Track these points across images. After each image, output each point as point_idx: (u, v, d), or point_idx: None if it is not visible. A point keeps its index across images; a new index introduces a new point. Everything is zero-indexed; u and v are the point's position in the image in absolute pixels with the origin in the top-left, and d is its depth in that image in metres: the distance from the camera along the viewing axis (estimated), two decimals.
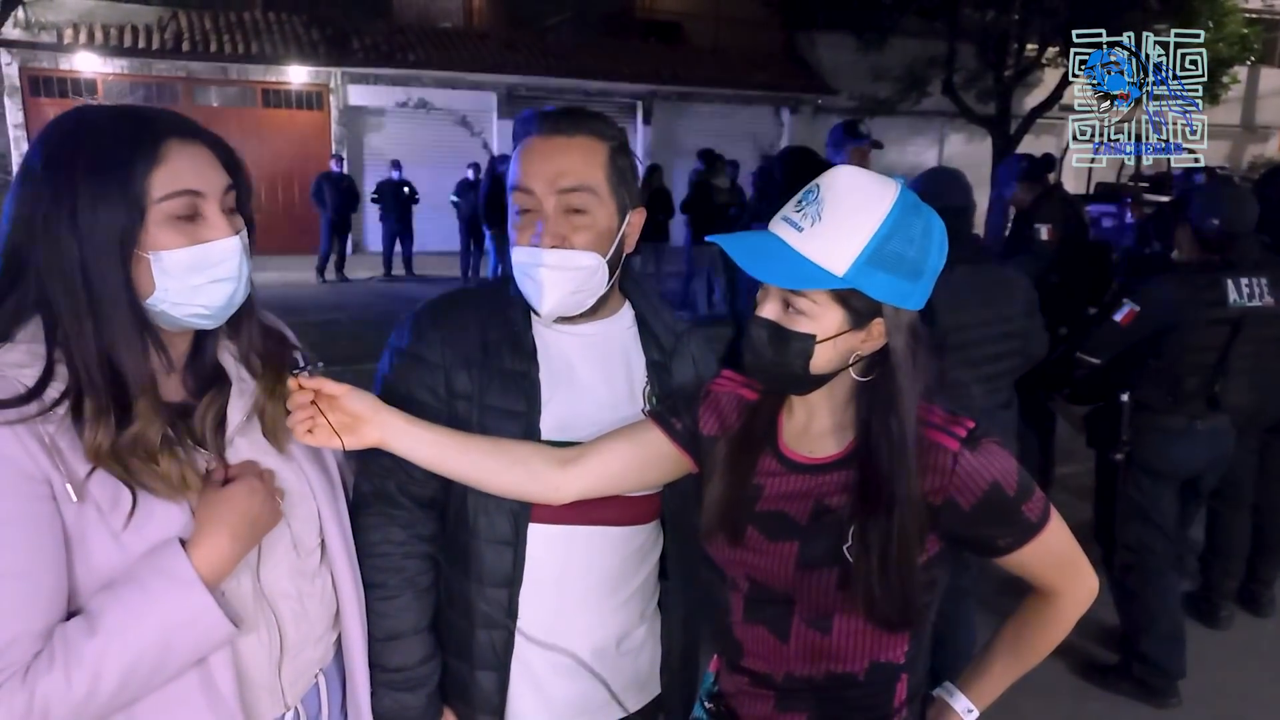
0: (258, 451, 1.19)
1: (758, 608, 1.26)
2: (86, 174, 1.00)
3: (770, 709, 1.28)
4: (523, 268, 1.35)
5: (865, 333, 1.15)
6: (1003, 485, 1.14)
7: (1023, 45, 14.19)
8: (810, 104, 17.34)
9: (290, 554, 1.20)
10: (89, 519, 1.01)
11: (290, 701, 1.22)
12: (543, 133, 1.34)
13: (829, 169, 1.16)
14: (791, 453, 1.25)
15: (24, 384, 0.99)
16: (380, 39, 14.83)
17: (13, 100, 12.88)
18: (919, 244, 1.11)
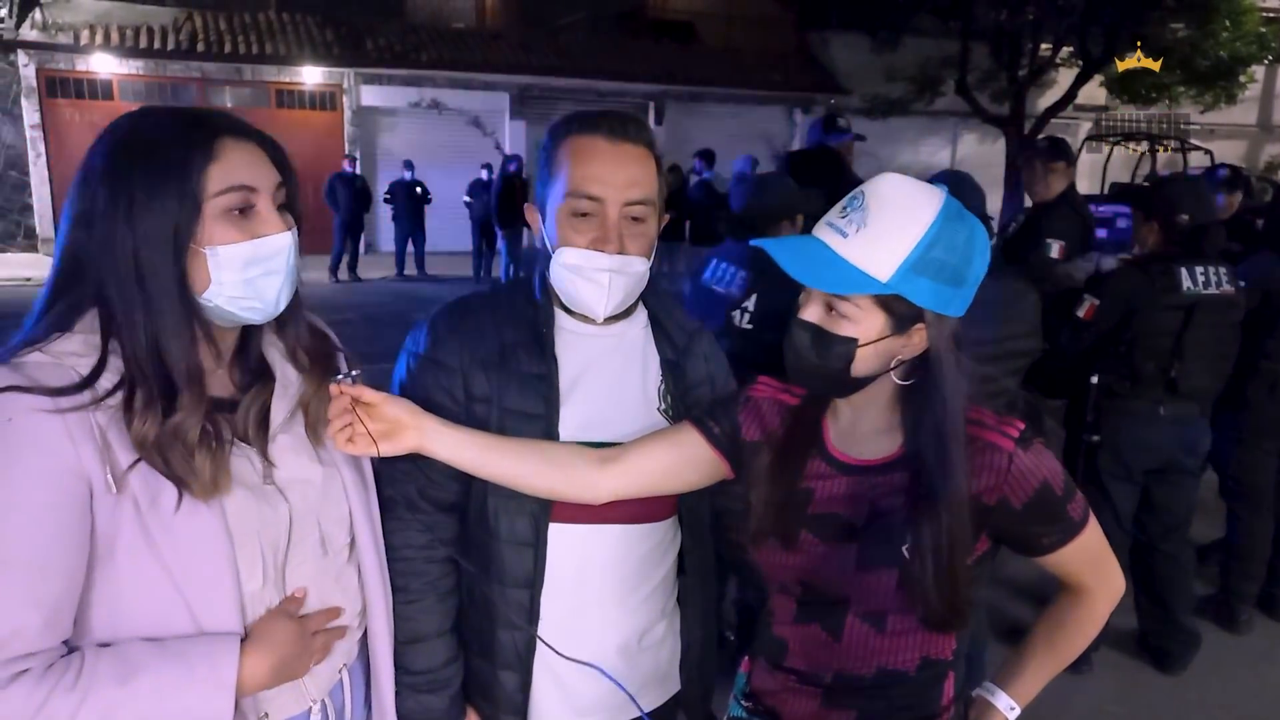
0: (298, 449, 1.20)
1: (810, 609, 1.27)
2: (143, 170, 1.02)
3: (816, 706, 1.29)
4: (578, 270, 1.34)
5: (907, 337, 1.17)
6: (1052, 484, 1.17)
7: (1037, 45, 14.13)
8: (823, 104, 17.30)
9: (317, 551, 1.21)
10: (124, 513, 1.02)
11: (315, 696, 1.23)
12: (609, 137, 1.34)
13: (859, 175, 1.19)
14: (841, 454, 1.26)
15: (79, 372, 1.01)
16: (393, 39, 14.89)
17: (29, 101, 13.00)
18: (962, 251, 1.13)
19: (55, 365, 1.01)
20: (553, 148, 1.38)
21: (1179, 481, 3.27)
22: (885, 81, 15.34)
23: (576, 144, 1.35)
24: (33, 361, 1.01)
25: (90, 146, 1.08)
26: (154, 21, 13.70)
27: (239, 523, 1.10)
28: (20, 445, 0.97)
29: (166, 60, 13.50)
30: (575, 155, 1.34)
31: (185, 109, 1.09)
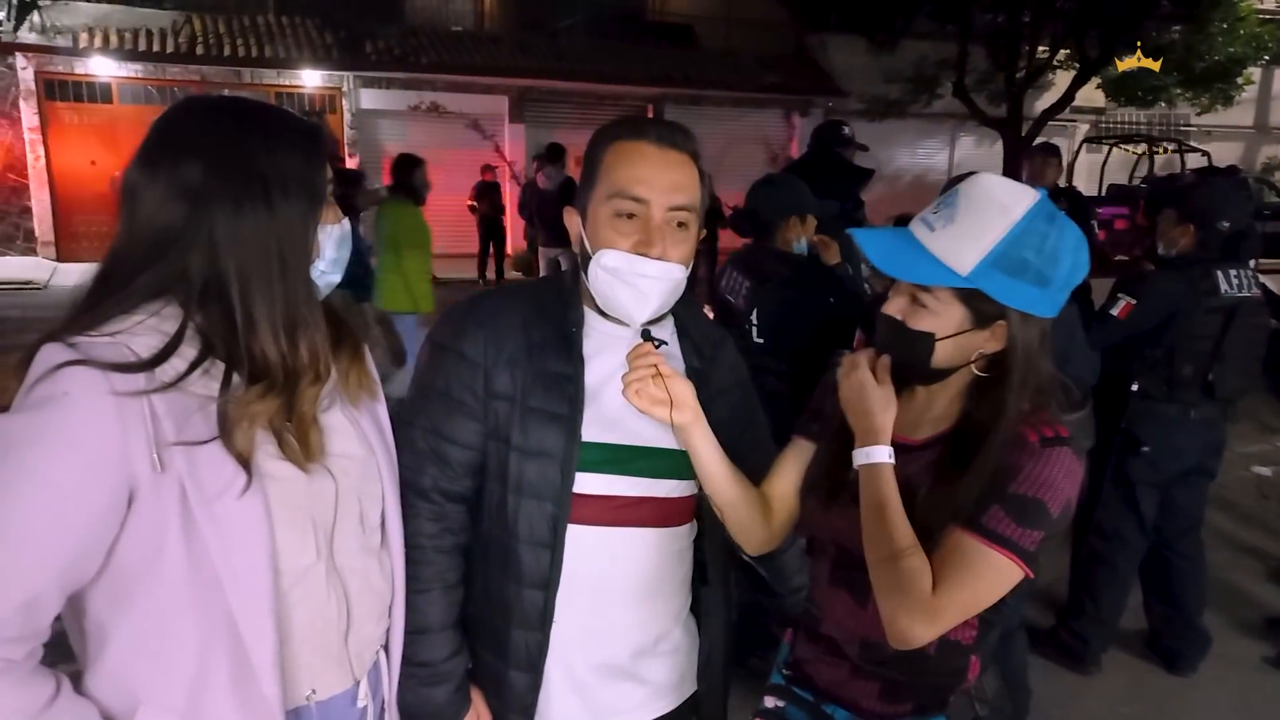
0: (340, 426, 1.23)
1: (841, 573, 1.32)
2: (275, 164, 1.10)
3: (845, 675, 1.35)
4: (617, 273, 1.34)
5: (989, 333, 1.20)
6: (1040, 490, 1.16)
7: (1034, 47, 14.16)
8: (821, 106, 17.31)
9: (357, 529, 1.24)
10: (171, 500, 1.02)
11: (357, 674, 1.25)
12: (657, 143, 1.35)
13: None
14: (896, 434, 1.28)
15: (133, 350, 1.02)
16: (393, 42, 14.86)
17: (28, 104, 12.95)
18: (1047, 253, 1.15)
19: (112, 345, 1.02)
20: (597, 152, 1.39)
21: (1198, 483, 3.30)
22: (883, 83, 15.36)
23: (622, 148, 1.36)
24: (90, 340, 1.01)
25: (180, 126, 1.11)
26: (153, 24, 13.67)
27: (290, 499, 1.12)
28: (69, 421, 0.97)
29: (165, 63, 13.45)
30: (621, 158, 1.35)
31: (267, 105, 1.16)
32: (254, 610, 1.07)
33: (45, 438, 0.97)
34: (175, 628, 1.06)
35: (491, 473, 1.39)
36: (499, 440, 1.38)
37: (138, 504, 1.02)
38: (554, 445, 1.36)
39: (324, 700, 1.21)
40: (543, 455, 1.36)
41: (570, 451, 1.35)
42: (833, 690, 1.37)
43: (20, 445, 0.97)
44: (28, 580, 0.97)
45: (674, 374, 1.30)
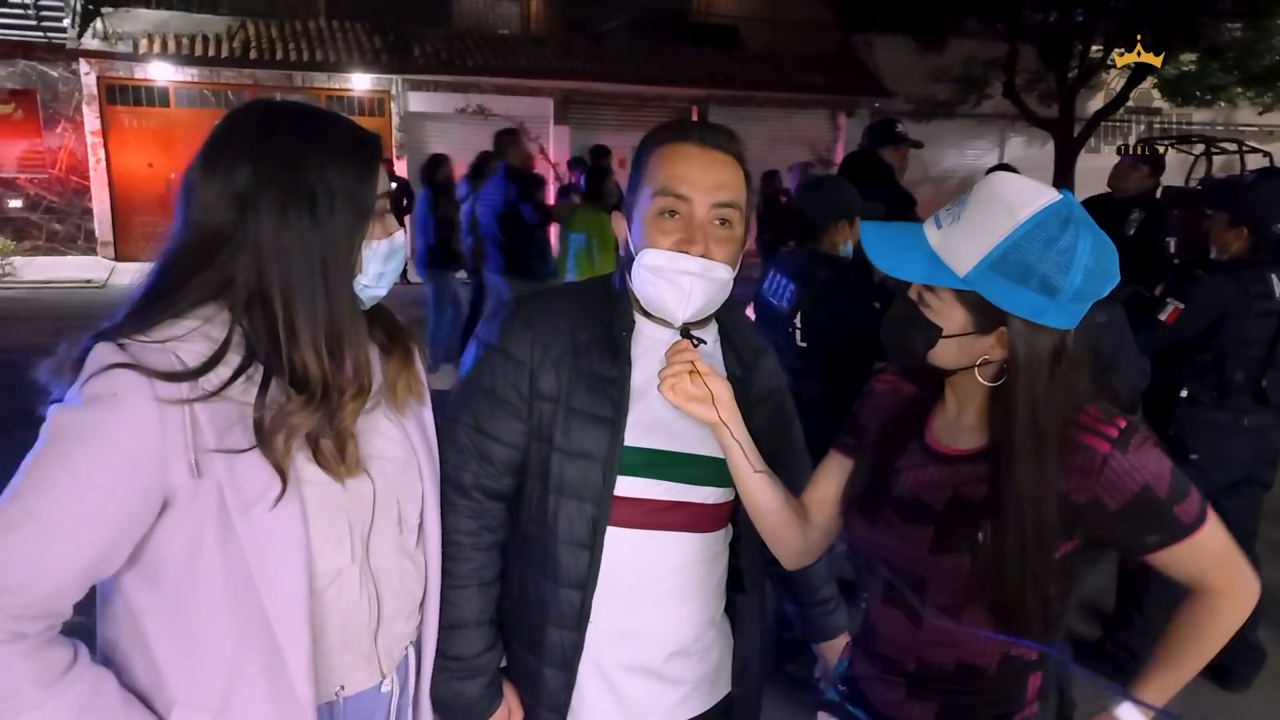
0: (381, 429, 1.25)
1: (894, 590, 1.28)
2: (324, 176, 1.10)
3: (901, 696, 1.30)
4: (660, 271, 1.34)
5: (993, 338, 1.15)
6: (1154, 487, 1.13)
7: (1087, 46, 13.87)
8: (867, 107, 17.15)
9: (394, 529, 1.26)
10: (208, 505, 1.05)
11: (385, 670, 1.27)
12: (700, 144, 1.36)
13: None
14: (936, 443, 1.27)
15: (180, 359, 1.05)
16: (440, 46, 15.04)
17: (90, 108, 13.35)
18: (1056, 260, 1.08)
19: (160, 351, 1.04)
20: (642, 156, 1.40)
21: (1250, 494, 3.20)
22: (930, 84, 15.17)
23: (667, 149, 1.37)
24: (141, 344, 1.04)
25: (243, 128, 1.13)
26: (209, 30, 14.00)
27: (328, 502, 1.14)
28: (110, 423, 1.00)
29: (220, 68, 13.77)
30: (665, 159, 1.36)
31: (329, 110, 1.17)
32: (288, 613, 1.09)
33: (89, 434, 1.00)
34: (211, 628, 1.09)
35: (533, 472, 1.41)
36: (542, 440, 1.39)
37: (176, 507, 1.06)
38: (596, 447, 1.37)
39: (352, 695, 1.23)
40: (585, 456, 1.37)
41: (612, 454, 1.36)
42: (888, 710, 1.33)
43: (65, 438, 1.01)
44: (54, 569, 1.00)
45: (711, 371, 1.30)
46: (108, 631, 1.16)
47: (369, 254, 1.17)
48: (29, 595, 0.99)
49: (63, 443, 1.01)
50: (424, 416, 1.35)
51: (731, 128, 1.45)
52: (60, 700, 1.01)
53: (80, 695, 1.03)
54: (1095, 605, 3.66)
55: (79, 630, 1.19)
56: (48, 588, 1.00)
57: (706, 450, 1.41)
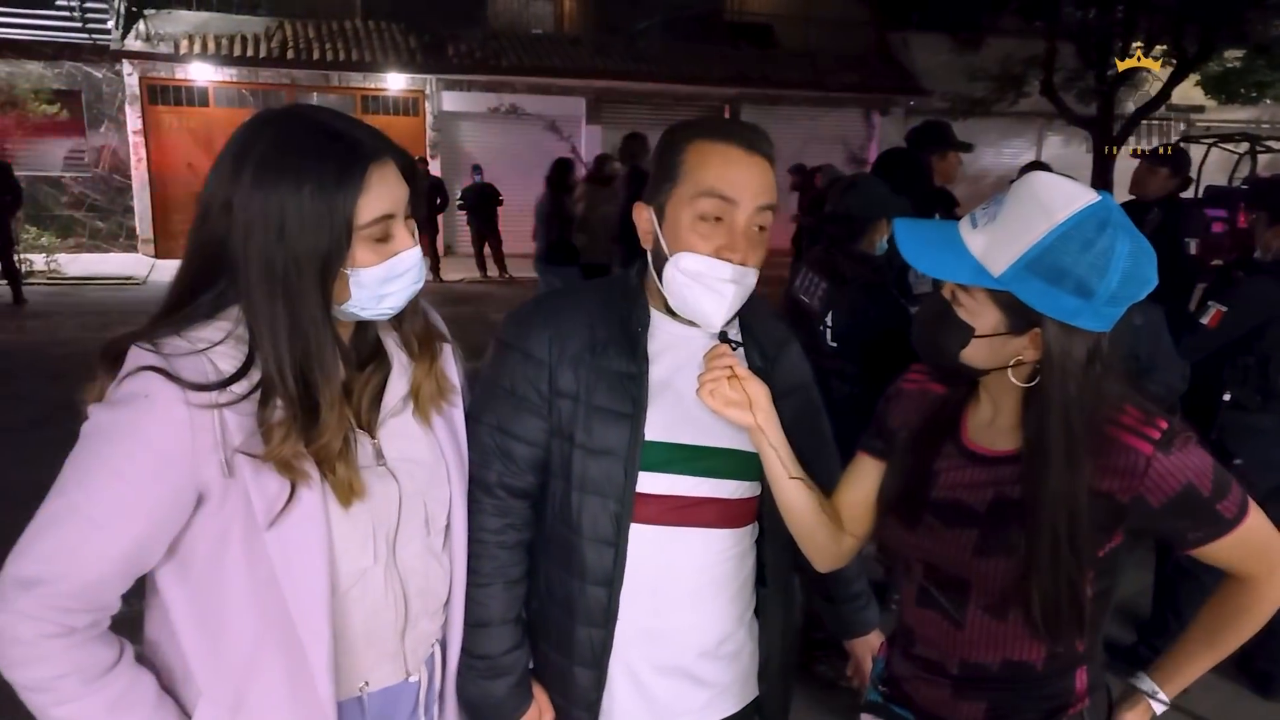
0: (408, 432, 1.26)
1: (931, 593, 1.28)
2: (295, 198, 1.06)
3: (947, 696, 1.29)
4: (698, 276, 1.33)
5: (1027, 339, 1.15)
6: (1197, 485, 1.13)
7: (1127, 43, 13.63)
8: (902, 106, 17.01)
9: (421, 530, 1.27)
10: (236, 504, 1.08)
11: (411, 668, 1.28)
12: (746, 148, 1.35)
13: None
14: (973, 444, 1.26)
15: (217, 366, 1.07)
16: (474, 46, 15.15)
17: (132, 108, 13.62)
18: (1092, 262, 1.07)
19: (193, 355, 1.06)
20: (676, 151, 1.37)
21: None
22: (967, 82, 15.00)
23: (710, 149, 1.35)
24: (172, 347, 1.06)
25: (236, 140, 1.11)
26: (247, 30, 14.22)
27: (354, 504, 1.15)
28: (144, 423, 1.03)
29: (258, 68, 13.98)
30: (709, 159, 1.34)
31: (333, 126, 1.11)
32: (310, 611, 1.11)
33: (124, 433, 1.04)
34: (233, 623, 1.11)
35: (556, 469, 1.41)
36: (563, 438, 1.39)
37: (208, 504, 1.08)
38: (617, 443, 1.37)
39: (376, 691, 1.25)
40: (606, 453, 1.37)
41: (633, 450, 1.36)
42: (934, 710, 1.32)
43: (103, 437, 1.04)
44: (95, 561, 1.04)
45: (750, 375, 1.30)
46: (149, 622, 1.19)
47: (355, 281, 1.12)
48: (71, 585, 1.03)
49: (100, 441, 1.05)
50: (454, 417, 1.35)
51: (765, 126, 1.44)
52: (95, 698, 1.05)
53: (115, 693, 1.06)
54: (1131, 609, 3.61)
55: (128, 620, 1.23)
56: (88, 577, 1.04)
57: (730, 443, 1.41)
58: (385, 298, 1.16)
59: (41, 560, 1.02)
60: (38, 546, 1.03)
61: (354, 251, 1.11)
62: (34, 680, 1.02)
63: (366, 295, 1.14)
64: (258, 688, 1.12)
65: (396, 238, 1.14)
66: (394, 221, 1.14)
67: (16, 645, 1.02)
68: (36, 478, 1.06)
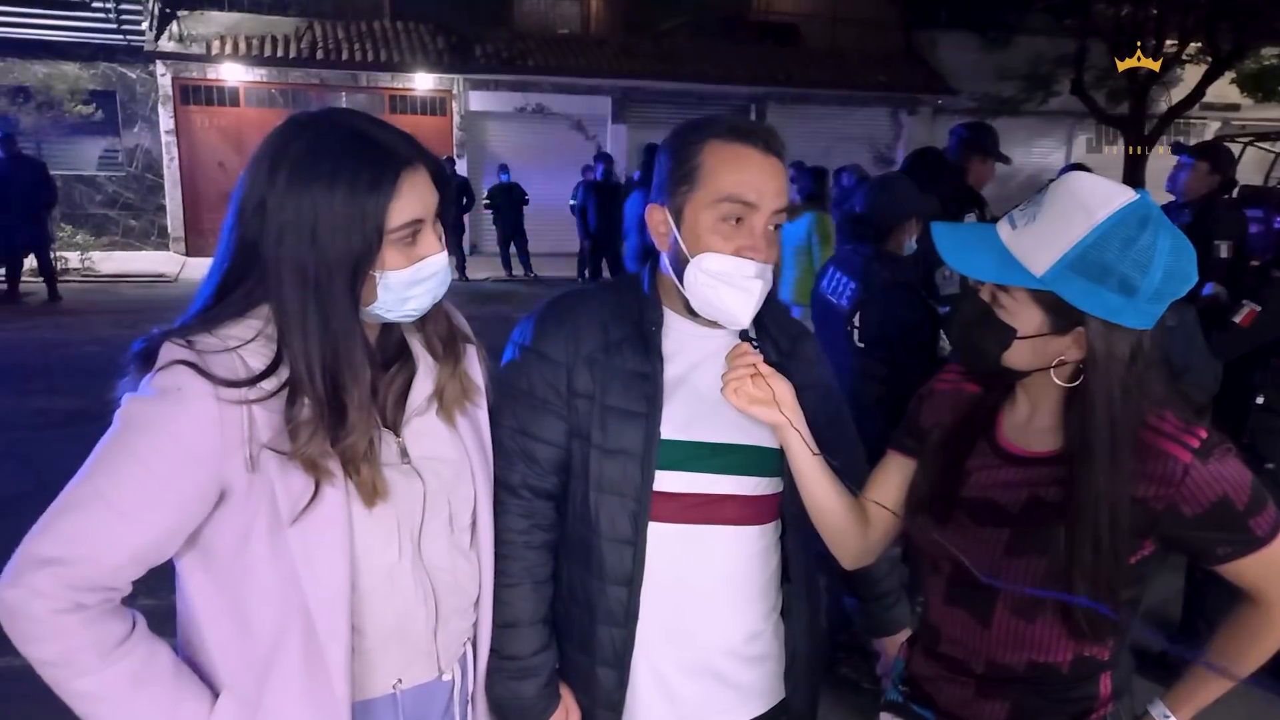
0: (432, 430, 1.27)
1: (959, 592, 1.27)
2: (328, 201, 1.08)
3: (970, 695, 1.29)
4: (724, 276, 1.34)
5: (1070, 339, 1.14)
6: (1232, 498, 1.12)
7: (1160, 41, 13.44)
8: (930, 105, 16.88)
9: (445, 528, 1.28)
10: (261, 499, 1.10)
11: (444, 665, 1.30)
12: (764, 150, 1.36)
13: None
14: (1008, 444, 1.26)
15: (246, 363, 1.09)
16: (501, 46, 15.22)
17: (165, 108, 13.82)
18: (1135, 259, 1.07)
19: (224, 353, 1.09)
20: (691, 152, 1.36)
21: None
22: (996, 81, 14.86)
23: (728, 150, 1.35)
24: (204, 344, 1.09)
25: (270, 141, 1.13)
26: (278, 31, 14.38)
27: (377, 501, 1.16)
28: (175, 415, 1.06)
29: (288, 68, 14.13)
30: (727, 162, 1.34)
31: (368, 132, 1.13)
32: (330, 608, 1.13)
33: (155, 425, 1.06)
34: (254, 617, 1.13)
35: (574, 470, 1.42)
36: (580, 438, 1.40)
37: (232, 499, 1.10)
38: (633, 443, 1.37)
39: (409, 688, 1.26)
40: (622, 453, 1.37)
41: (649, 449, 1.37)
42: (956, 710, 1.32)
43: (133, 427, 1.07)
44: (115, 547, 1.06)
45: (773, 373, 1.30)
46: (180, 617, 1.21)
47: (383, 284, 1.14)
48: (89, 569, 1.05)
49: (131, 431, 1.07)
50: (478, 417, 1.36)
51: (791, 126, 1.45)
52: (115, 668, 1.07)
53: (133, 664, 1.08)
54: (1161, 615, 3.56)
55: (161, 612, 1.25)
56: (107, 564, 1.06)
57: (746, 439, 1.41)
58: (410, 300, 1.18)
59: (62, 541, 1.04)
60: (59, 526, 1.05)
61: (383, 255, 1.13)
62: (50, 655, 1.05)
63: (392, 298, 1.16)
64: (276, 684, 1.14)
65: (424, 242, 1.17)
66: (423, 226, 1.16)
67: (30, 621, 1.04)
68: (72, 472, 1.08)
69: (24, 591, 1.03)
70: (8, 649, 1.07)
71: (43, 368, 7.27)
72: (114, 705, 1.08)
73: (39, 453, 4.91)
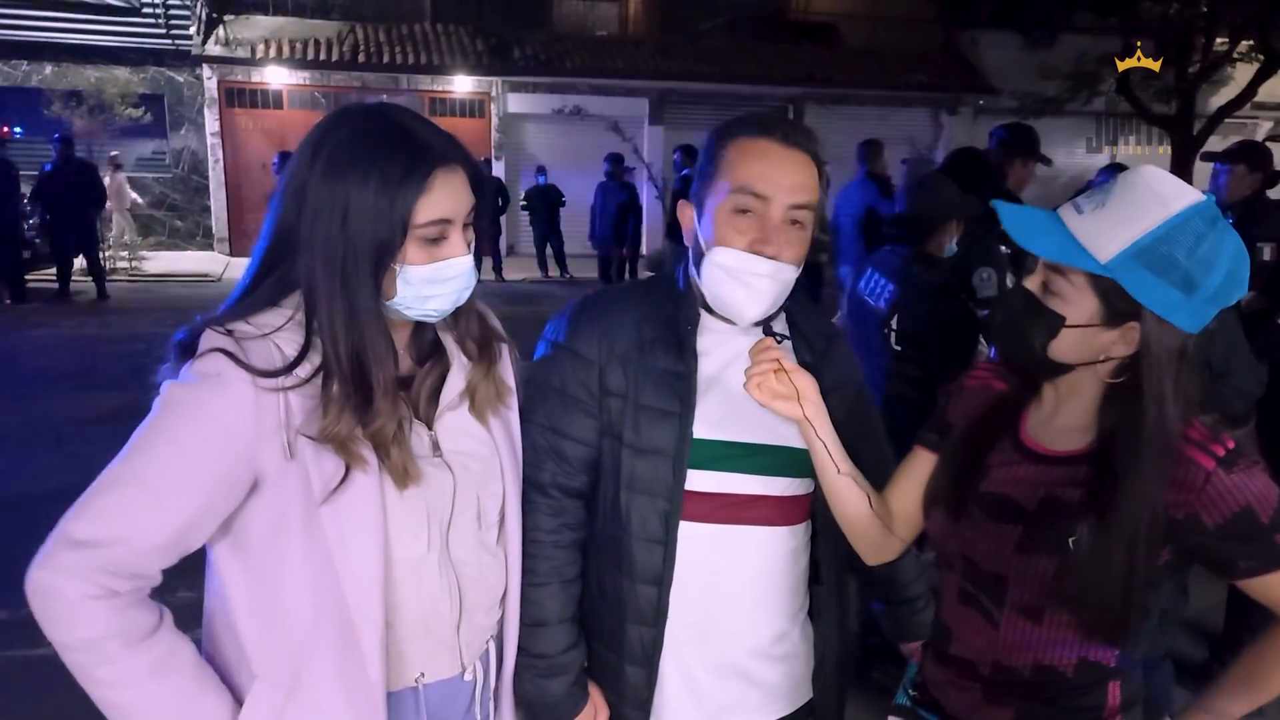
0: (464, 426, 1.29)
1: (970, 589, 1.27)
2: (361, 190, 1.11)
3: (977, 700, 1.28)
4: (731, 271, 1.35)
5: (1119, 333, 1.13)
6: (1256, 510, 1.10)
7: (1210, 39, 13.13)
8: (971, 105, 16.67)
9: (474, 524, 1.29)
10: (295, 486, 1.12)
11: (466, 661, 1.31)
12: (782, 141, 1.35)
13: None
14: (1031, 442, 1.25)
15: (282, 350, 1.12)
16: (539, 48, 15.31)
17: (211, 111, 14.10)
18: (1200, 257, 1.07)
19: (260, 340, 1.11)
20: (718, 147, 1.39)
21: None
22: (1038, 80, 14.61)
23: (746, 144, 1.36)
24: (241, 331, 1.11)
25: (316, 132, 1.16)
26: (320, 35, 14.59)
27: (409, 491, 1.18)
28: (214, 401, 1.08)
29: (331, 71, 14.33)
30: (744, 154, 1.35)
31: (408, 127, 1.15)
32: (364, 594, 1.14)
33: (194, 410, 1.09)
34: (289, 604, 1.15)
35: (605, 469, 1.42)
36: (612, 437, 1.40)
37: (266, 487, 1.13)
38: (665, 442, 1.37)
39: (432, 683, 1.27)
40: (654, 452, 1.38)
41: (681, 448, 1.37)
42: (963, 716, 1.31)
43: (173, 410, 1.10)
44: (149, 529, 1.08)
45: (797, 368, 1.29)
46: (208, 603, 1.23)
47: (402, 277, 1.15)
48: (122, 552, 1.06)
49: (170, 414, 1.09)
50: (509, 418, 1.37)
51: (829, 127, 1.44)
52: (138, 660, 1.08)
53: (156, 657, 1.09)
54: (1203, 624, 3.48)
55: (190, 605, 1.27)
56: (141, 547, 1.07)
57: (779, 440, 1.41)
58: (430, 299, 1.19)
59: (97, 522, 1.05)
60: (94, 507, 1.06)
61: (406, 249, 1.14)
62: (77, 640, 1.05)
63: (412, 294, 1.17)
64: (312, 670, 1.15)
65: (450, 243, 1.18)
66: (450, 227, 1.17)
67: (60, 602, 1.04)
68: None
69: (56, 573, 1.04)
70: (38, 639, 1.08)
71: (90, 365, 7.44)
72: (134, 695, 1.09)
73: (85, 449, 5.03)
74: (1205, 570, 1.17)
